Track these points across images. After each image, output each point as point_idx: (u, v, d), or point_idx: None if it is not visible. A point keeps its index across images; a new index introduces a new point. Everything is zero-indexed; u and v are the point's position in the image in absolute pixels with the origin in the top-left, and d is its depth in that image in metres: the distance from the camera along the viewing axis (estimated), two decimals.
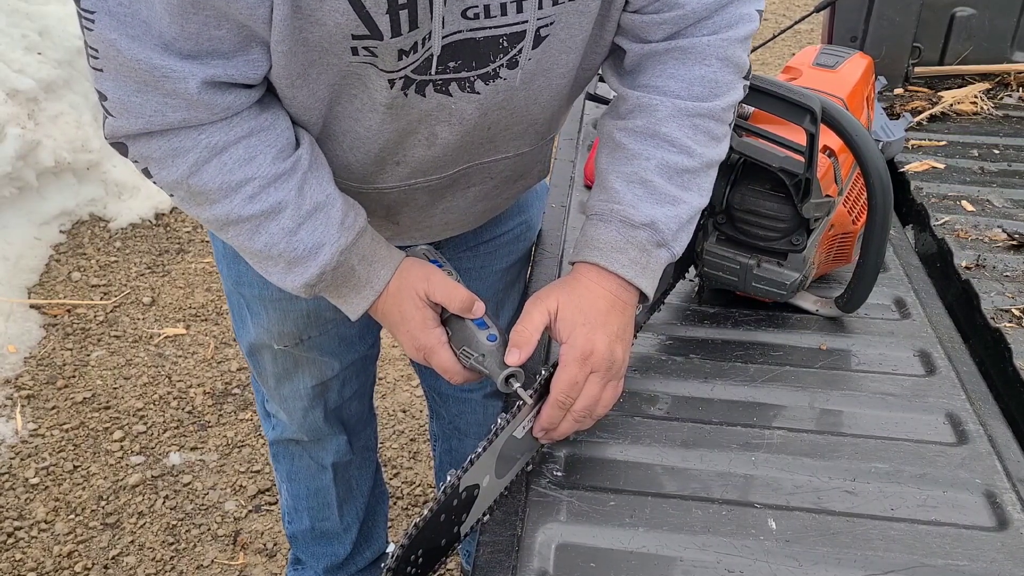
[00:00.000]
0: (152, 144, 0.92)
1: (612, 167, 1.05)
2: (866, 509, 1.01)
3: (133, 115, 0.89)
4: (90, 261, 3.25)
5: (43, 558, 2.13)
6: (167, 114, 0.89)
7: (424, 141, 1.03)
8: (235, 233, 0.99)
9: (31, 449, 2.44)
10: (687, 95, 1.02)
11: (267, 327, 1.37)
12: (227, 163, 0.94)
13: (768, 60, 5.09)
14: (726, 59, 1.02)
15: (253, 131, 0.94)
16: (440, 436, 1.85)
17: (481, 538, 0.98)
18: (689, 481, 1.05)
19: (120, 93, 0.88)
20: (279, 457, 1.68)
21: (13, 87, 3.25)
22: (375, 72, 0.92)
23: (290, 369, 1.45)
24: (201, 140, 0.92)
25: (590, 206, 1.07)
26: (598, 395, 1.01)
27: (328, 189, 1.00)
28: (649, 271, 1.04)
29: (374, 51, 0.88)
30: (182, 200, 0.98)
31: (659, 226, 1.02)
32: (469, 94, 0.97)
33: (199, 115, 0.90)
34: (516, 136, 1.10)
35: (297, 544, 1.79)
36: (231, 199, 0.95)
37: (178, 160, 0.93)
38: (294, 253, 0.98)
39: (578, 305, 1.01)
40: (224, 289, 1.43)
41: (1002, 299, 1.41)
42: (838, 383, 1.22)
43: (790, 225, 1.28)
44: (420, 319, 1.04)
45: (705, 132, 1.03)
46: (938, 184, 1.79)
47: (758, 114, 1.30)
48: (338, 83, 0.94)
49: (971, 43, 2.26)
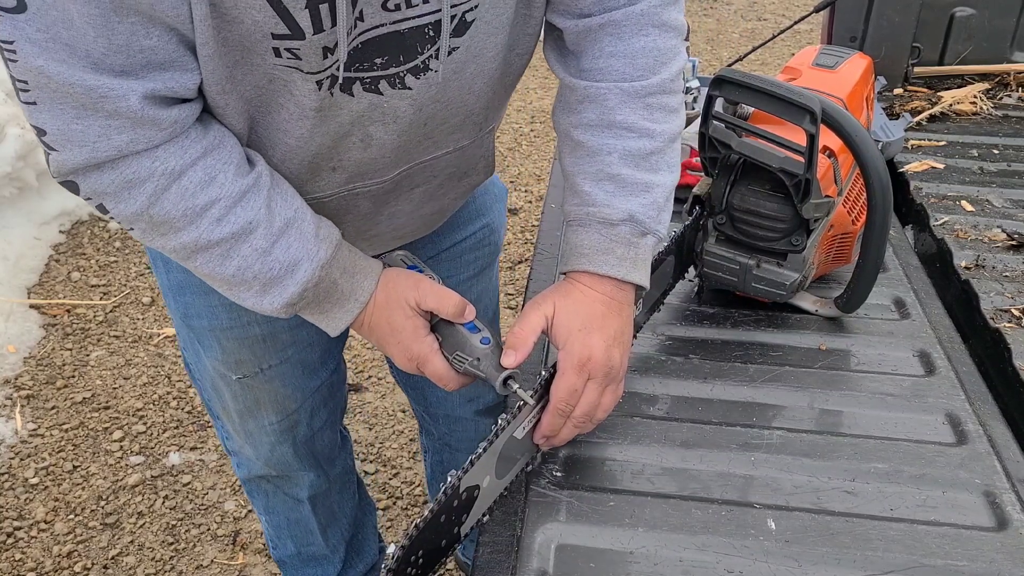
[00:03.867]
0: (103, 178, 0.87)
1: (577, 167, 1.03)
2: (865, 509, 1.01)
3: (76, 144, 0.83)
4: (90, 261, 3.25)
5: (43, 558, 2.13)
6: (112, 137, 0.83)
7: (359, 143, 0.99)
8: (204, 260, 0.93)
9: (31, 449, 2.44)
10: (632, 73, 1.00)
11: (222, 359, 1.30)
12: (187, 187, 0.88)
13: (768, 60, 5.08)
14: (662, 24, 1.00)
15: (207, 151, 0.90)
16: (431, 449, 1.82)
17: (481, 538, 0.98)
18: (689, 481, 1.05)
19: (59, 123, 0.82)
20: (253, 493, 1.63)
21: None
22: (300, 77, 0.88)
23: (251, 405, 1.38)
24: (156, 168, 0.87)
25: (567, 211, 1.05)
26: (597, 400, 1.01)
27: (295, 203, 0.96)
28: (640, 262, 1.03)
29: (297, 53, 0.85)
30: (143, 232, 0.92)
31: (638, 217, 1.01)
32: (401, 90, 0.94)
33: (147, 134, 0.85)
34: (454, 129, 1.06)
35: (286, 568, 1.75)
36: (197, 224, 0.90)
37: (134, 191, 0.88)
38: (270, 273, 0.94)
39: (574, 310, 1.01)
40: (174, 325, 1.34)
41: (1002, 299, 1.41)
42: (837, 383, 1.22)
43: (790, 225, 1.28)
44: (411, 328, 1.01)
45: (660, 108, 1.01)
46: (937, 184, 1.79)
47: (758, 114, 1.31)
48: (265, 88, 0.90)
49: (971, 43, 2.26)
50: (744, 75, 1.21)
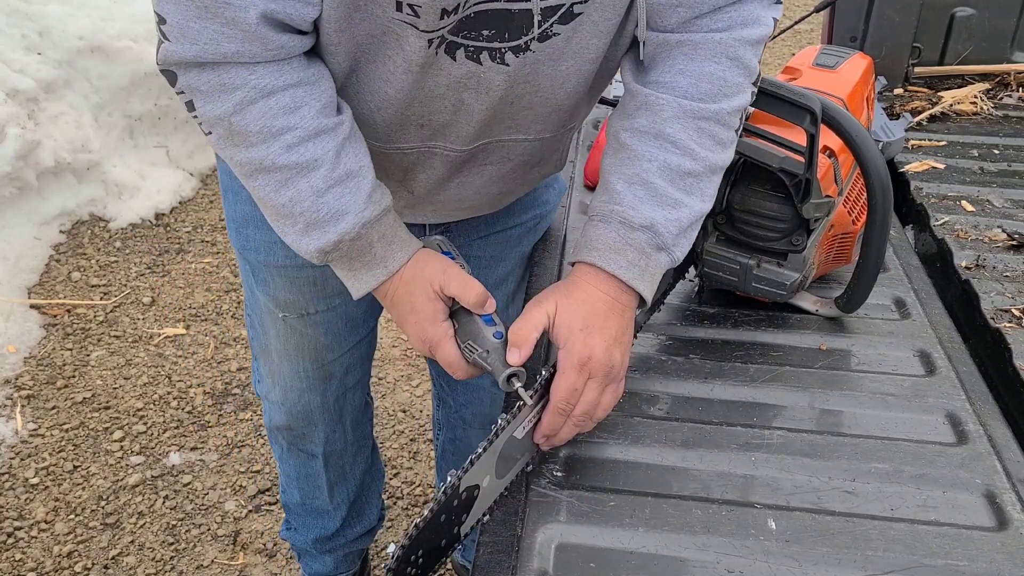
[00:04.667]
0: (202, 76, 0.93)
1: (615, 168, 1.05)
2: (866, 509, 1.01)
3: (189, 41, 0.90)
4: (90, 261, 3.25)
5: (43, 558, 2.13)
6: (222, 43, 0.90)
7: (450, 107, 1.03)
8: (263, 182, 0.98)
9: (31, 449, 2.44)
10: (694, 93, 1.02)
11: (272, 294, 1.37)
12: (272, 107, 0.94)
13: (768, 60, 5.09)
14: (736, 59, 1.02)
15: (302, 82, 0.95)
16: (444, 425, 1.85)
17: (481, 538, 0.98)
18: (689, 481, 1.05)
19: (180, 17, 0.89)
20: (272, 440, 1.70)
21: (13, 87, 3.25)
22: (414, 33, 0.93)
23: (291, 347, 1.44)
24: (251, 80, 0.92)
25: (592, 207, 1.07)
26: (597, 399, 1.02)
27: (363, 160, 1.01)
28: (648, 274, 1.04)
29: (417, 10, 0.90)
30: (219, 139, 0.98)
31: (658, 228, 1.01)
32: (499, 65, 0.98)
33: (252, 50, 0.90)
34: (539, 118, 1.10)
35: (289, 511, 1.83)
36: (269, 145, 0.95)
37: (225, 96, 0.93)
38: (317, 215, 0.98)
39: (576, 309, 1.01)
40: (236, 256, 1.43)
41: (1002, 299, 1.41)
42: (838, 383, 1.22)
43: (790, 225, 1.28)
44: (431, 311, 1.04)
45: (710, 136, 1.03)
46: (938, 184, 1.79)
47: (758, 114, 1.30)
48: (378, 36, 0.95)
49: (971, 43, 2.26)
50: None
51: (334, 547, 1.83)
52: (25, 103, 3.30)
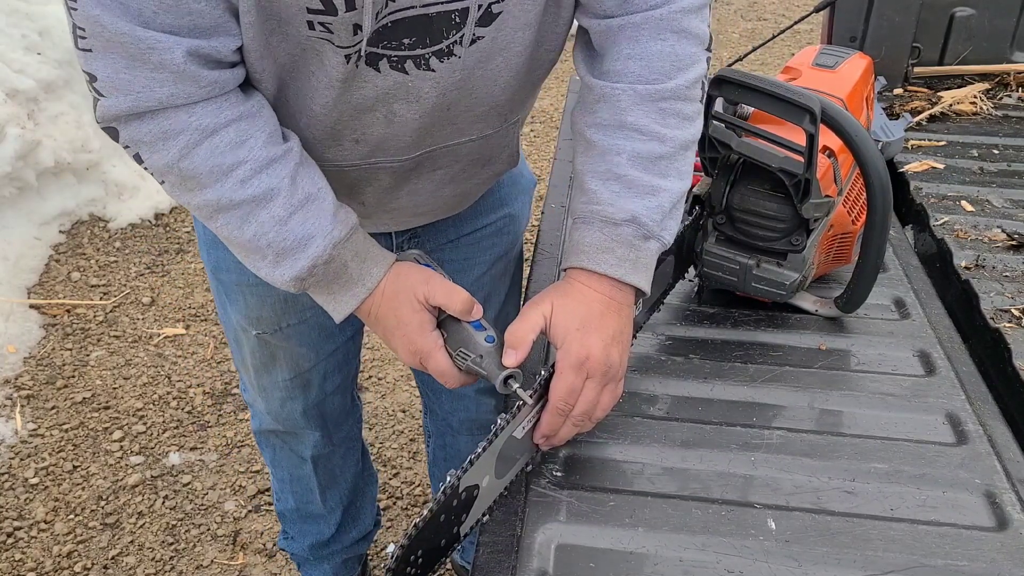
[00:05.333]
0: (143, 127, 0.92)
1: (587, 166, 1.04)
2: (866, 509, 1.01)
3: (123, 92, 0.90)
4: (90, 261, 3.25)
5: (43, 558, 2.13)
6: (155, 89, 0.89)
7: (383, 119, 1.03)
8: (224, 221, 0.98)
9: (31, 449, 2.45)
10: (648, 76, 1.01)
11: (245, 313, 1.37)
12: (218, 146, 0.93)
13: (768, 60, 5.09)
14: (681, 31, 1.01)
15: (243, 115, 0.95)
16: (434, 432, 1.85)
17: (481, 538, 0.98)
18: (689, 481, 1.05)
19: (109, 71, 0.89)
20: (263, 444, 1.72)
21: (13, 87, 3.26)
22: (331, 49, 0.93)
23: (267, 360, 1.45)
24: (191, 122, 0.92)
25: (572, 210, 1.06)
26: (596, 399, 1.01)
27: (320, 183, 1.00)
28: (640, 266, 1.03)
29: (329, 27, 0.90)
30: (173, 186, 0.97)
31: (642, 219, 1.01)
32: (425, 71, 0.98)
33: (187, 90, 0.90)
34: (478, 118, 1.09)
35: (285, 520, 1.84)
36: (222, 183, 0.95)
37: (168, 143, 0.93)
38: (284, 243, 0.97)
39: (572, 309, 1.01)
40: (208, 276, 1.44)
41: (1002, 299, 1.41)
42: (837, 383, 1.22)
43: (790, 225, 1.28)
44: (418, 322, 1.03)
45: (674, 114, 1.02)
46: (937, 184, 1.79)
47: (758, 114, 1.31)
48: (298, 55, 0.95)
49: (971, 43, 2.25)
50: (744, 75, 1.21)
51: (331, 553, 1.84)
52: (25, 103, 3.30)
